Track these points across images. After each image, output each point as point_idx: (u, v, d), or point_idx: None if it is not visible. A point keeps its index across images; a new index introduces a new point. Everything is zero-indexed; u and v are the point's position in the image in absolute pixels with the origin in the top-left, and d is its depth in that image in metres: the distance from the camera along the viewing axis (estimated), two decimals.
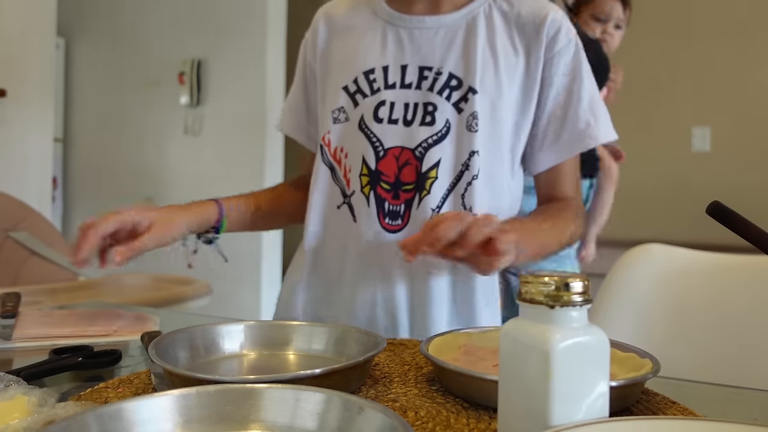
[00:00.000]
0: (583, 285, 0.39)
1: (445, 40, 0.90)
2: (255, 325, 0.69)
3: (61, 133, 3.87)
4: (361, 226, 0.89)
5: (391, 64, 0.90)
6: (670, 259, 0.97)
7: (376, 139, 0.88)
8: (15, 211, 1.84)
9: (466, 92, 0.87)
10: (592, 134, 0.89)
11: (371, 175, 0.88)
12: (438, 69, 0.89)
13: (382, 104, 0.89)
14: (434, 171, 0.87)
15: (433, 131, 0.87)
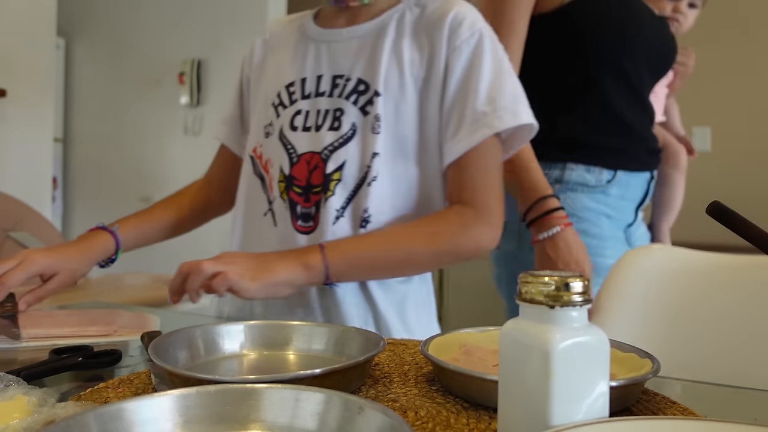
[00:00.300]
0: (583, 285, 0.39)
1: (357, 49, 0.95)
2: (255, 325, 0.69)
3: (61, 133, 3.87)
4: (280, 231, 0.94)
5: (308, 76, 0.97)
6: (670, 259, 0.97)
7: (291, 146, 0.94)
8: (15, 211, 1.84)
9: (371, 96, 0.91)
10: (488, 122, 0.87)
11: (286, 181, 0.93)
12: (348, 76, 0.93)
13: (298, 113, 0.95)
14: (338, 173, 0.90)
15: (338, 135, 0.91)
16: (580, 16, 1.15)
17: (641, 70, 1.20)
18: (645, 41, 1.18)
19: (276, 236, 0.94)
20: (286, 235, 0.92)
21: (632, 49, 1.17)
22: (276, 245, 0.92)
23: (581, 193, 1.18)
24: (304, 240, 0.91)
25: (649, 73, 1.23)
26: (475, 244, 0.88)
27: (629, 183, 1.20)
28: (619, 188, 1.19)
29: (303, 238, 0.92)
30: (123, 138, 3.74)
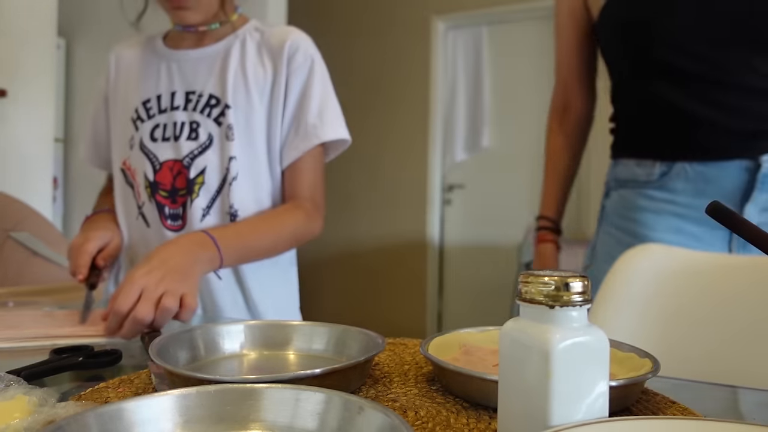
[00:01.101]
0: (583, 285, 0.39)
1: (207, 68, 1.08)
2: (255, 325, 0.69)
3: (61, 133, 3.87)
4: (153, 231, 1.07)
5: (163, 93, 1.08)
6: (670, 259, 0.97)
7: (153, 155, 1.06)
8: (15, 211, 1.84)
9: (223, 108, 1.05)
10: (317, 134, 1.07)
11: (151, 186, 1.06)
12: (200, 92, 1.06)
13: (157, 126, 1.07)
14: (201, 177, 1.04)
15: (197, 144, 1.05)
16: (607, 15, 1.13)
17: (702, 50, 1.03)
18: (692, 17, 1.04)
19: (150, 235, 1.07)
20: (159, 234, 1.06)
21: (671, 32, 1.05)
22: (153, 243, 1.04)
23: (631, 189, 1.11)
24: (172, 237, 1.03)
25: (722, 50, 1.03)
26: (313, 231, 1.08)
27: (707, 175, 1.04)
28: (688, 182, 1.05)
29: (173, 235, 1.05)
30: None
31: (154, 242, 1.04)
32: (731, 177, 1.03)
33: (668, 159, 1.06)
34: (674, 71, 1.06)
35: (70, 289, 1.54)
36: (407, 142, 4.40)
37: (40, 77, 2.82)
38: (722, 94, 1.04)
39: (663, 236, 1.05)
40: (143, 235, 1.09)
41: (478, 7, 4.16)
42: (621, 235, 1.10)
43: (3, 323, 0.85)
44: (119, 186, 1.12)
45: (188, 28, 1.10)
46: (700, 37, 1.04)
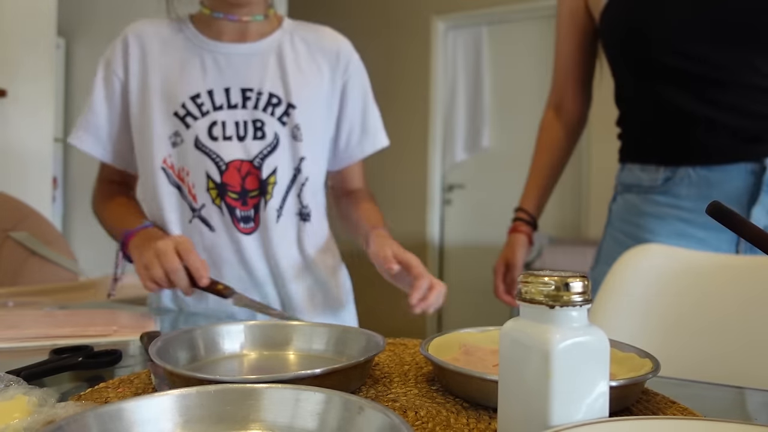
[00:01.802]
0: (583, 285, 0.39)
1: (260, 64, 1.04)
2: (255, 326, 0.69)
3: (61, 133, 3.86)
4: (221, 234, 1.02)
5: (215, 88, 1.02)
6: (670, 259, 0.97)
7: (215, 155, 1.00)
8: (15, 211, 1.84)
9: (286, 108, 1.03)
10: (380, 138, 1.15)
11: (218, 188, 1.01)
12: (259, 90, 1.03)
13: (215, 124, 1.01)
14: (273, 177, 1.02)
15: (265, 143, 1.02)
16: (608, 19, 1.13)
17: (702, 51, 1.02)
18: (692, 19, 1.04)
19: (217, 240, 1.02)
20: (231, 238, 1.02)
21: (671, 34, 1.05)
22: (220, 248, 1.02)
23: (635, 194, 1.11)
24: (248, 240, 1.02)
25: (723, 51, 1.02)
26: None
27: (711, 179, 1.03)
28: (692, 187, 1.05)
29: (247, 238, 1.02)
30: None
31: (224, 247, 1.02)
32: (736, 180, 1.03)
33: (672, 164, 1.06)
34: (675, 73, 1.06)
35: (70, 289, 1.54)
36: (407, 142, 4.40)
37: (40, 77, 2.82)
38: (723, 95, 1.03)
39: (667, 241, 1.04)
40: (204, 240, 1.02)
41: (478, 7, 4.16)
42: (625, 239, 1.10)
43: (3, 323, 0.85)
44: (158, 187, 1.02)
45: (231, 17, 1.04)
46: (700, 39, 1.03)
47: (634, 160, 1.13)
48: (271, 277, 1.05)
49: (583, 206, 3.67)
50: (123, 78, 1.05)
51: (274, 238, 1.02)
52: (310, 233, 1.07)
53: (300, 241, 1.06)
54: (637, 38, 1.08)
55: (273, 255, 1.03)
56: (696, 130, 1.05)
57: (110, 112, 1.07)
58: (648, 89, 1.10)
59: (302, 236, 1.06)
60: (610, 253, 1.07)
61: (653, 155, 1.09)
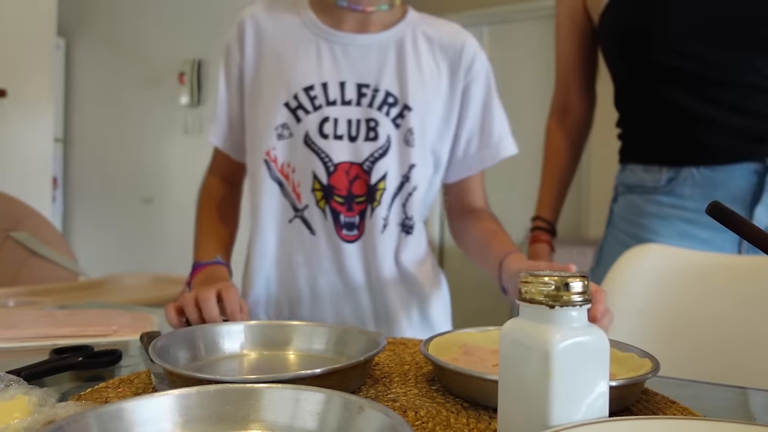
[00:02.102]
0: (582, 285, 0.39)
1: (379, 59, 0.96)
2: (255, 326, 0.69)
3: (61, 133, 3.87)
4: (321, 239, 0.95)
5: (329, 81, 0.94)
6: (670, 259, 0.97)
7: (325, 154, 0.93)
8: (15, 211, 1.84)
9: (402, 109, 0.94)
10: (504, 146, 1.01)
11: (324, 190, 0.93)
12: (375, 86, 0.94)
13: (326, 120, 0.93)
14: (382, 183, 0.94)
15: (377, 146, 0.93)
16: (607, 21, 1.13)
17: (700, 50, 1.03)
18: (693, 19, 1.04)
19: (317, 244, 0.95)
20: (331, 244, 0.95)
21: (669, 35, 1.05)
22: (319, 253, 0.95)
23: (638, 195, 1.11)
24: (350, 249, 0.95)
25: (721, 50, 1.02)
26: None
27: (715, 179, 1.04)
28: (696, 187, 1.05)
29: (349, 246, 0.95)
30: (123, 138, 3.74)
31: (323, 253, 0.95)
32: (739, 180, 1.03)
33: (675, 164, 1.06)
34: (674, 72, 1.06)
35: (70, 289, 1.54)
36: None
37: (40, 77, 2.82)
38: (723, 94, 1.03)
39: (671, 242, 1.04)
40: (301, 244, 0.96)
41: (479, 7, 4.16)
42: (628, 240, 1.10)
43: (3, 323, 0.85)
44: (259, 180, 0.96)
45: (355, 6, 0.95)
46: (699, 38, 1.03)
47: (636, 161, 1.13)
48: (368, 288, 0.98)
49: (583, 206, 3.67)
50: (240, 62, 0.99)
51: (377, 248, 0.95)
52: (412, 246, 0.99)
53: (399, 254, 0.98)
54: (636, 38, 1.08)
55: (374, 266, 0.96)
56: (696, 129, 1.05)
57: (229, 101, 1.02)
58: (647, 89, 1.10)
59: (402, 249, 0.98)
60: (612, 254, 1.07)
61: (656, 156, 1.10)
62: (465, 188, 1.04)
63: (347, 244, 0.94)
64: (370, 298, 0.98)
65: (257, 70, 0.97)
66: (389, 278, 0.97)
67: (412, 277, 0.99)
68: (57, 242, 1.83)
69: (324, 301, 0.97)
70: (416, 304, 1.01)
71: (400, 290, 0.99)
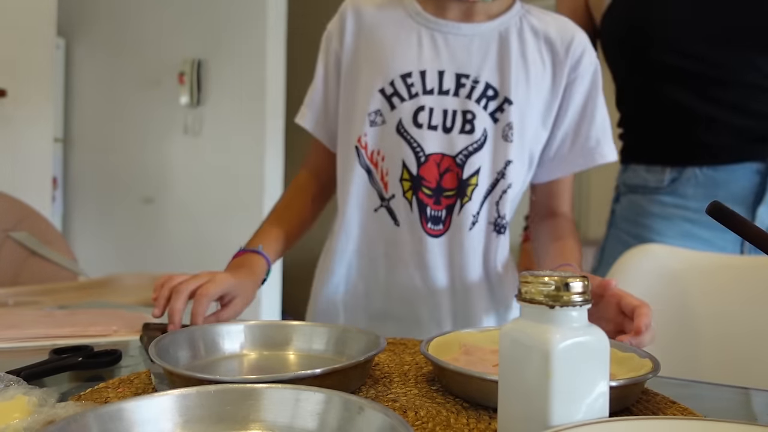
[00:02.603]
0: (583, 285, 0.39)
1: (481, 49, 0.92)
2: (255, 326, 0.69)
3: (61, 133, 3.87)
4: (405, 231, 0.92)
5: (428, 69, 0.91)
6: (670, 259, 0.97)
7: (416, 144, 0.90)
8: (15, 211, 1.84)
9: (502, 102, 0.90)
10: (601, 152, 0.95)
11: (413, 180, 0.90)
12: (475, 78, 0.90)
13: (422, 109, 0.90)
14: (475, 178, 0.90)
15: (472, 139, 0.90)
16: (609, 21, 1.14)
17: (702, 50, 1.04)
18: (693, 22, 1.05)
19: (400, 236, 0.92)
20: (415, 237, 0.91)
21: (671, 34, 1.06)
22: (401, 245, 0.92)
23: (641, 195, 1.12)
24: (434, 243, 0.91)
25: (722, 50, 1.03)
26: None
27: (717, 179, 1.05)
28: (698, 187, 1.06)
29: (433, 241, 0.91)
30: (123, 138, 3.74)
31: (407, 245, 0.92)
32: (742, 180, 1.04)
33: (678, 164, 1.07)
34: (675, 72, 1.06)
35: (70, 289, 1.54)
36: None
37: (40, 77, 2.82)
38: (724, 93, 1.04)
39: (674, 242, 1.05)
40: (384, 234, 0.93)
41: None
42: (630, 240, 1.11)
43: (3, 323, 0.85)
44: (351, 167, 0.94)
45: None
46: (700, 38, 1.04)
47: (638, 161, 1.13)
48: (450, 289, 0.93)
49: (583, 206, 3.67)
50: (338, 50, 0.97)
51: (464, 245, 0.91)
52: (502, 247, 0.95)
53: (488, 254, 0.94)
54: (637, 37, 1.09)
55: (458, 264, 0.92)
56: (698, 128, 1.05)
57: (326, 88, 1.00)
58: (649, 89, 1.10)
59: (492, 249, 0.94)
60: (614, 254, 1.07)
61: (658, 156, 1.10)
62: (552, 190, 1.00)
63: (431, 238, 0.91)
64: (451, 300, 0.94)
65: (355, 57, 0.96)
66: (475, 280, 0.93)
67: (499, 280, 0.95)
68: (57, 242, 1.83)
69: (401, 298, 0.94)
70: (499, 312, 0.96)
71: (485, 295, 0.95)
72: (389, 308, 0.95)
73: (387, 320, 0.95)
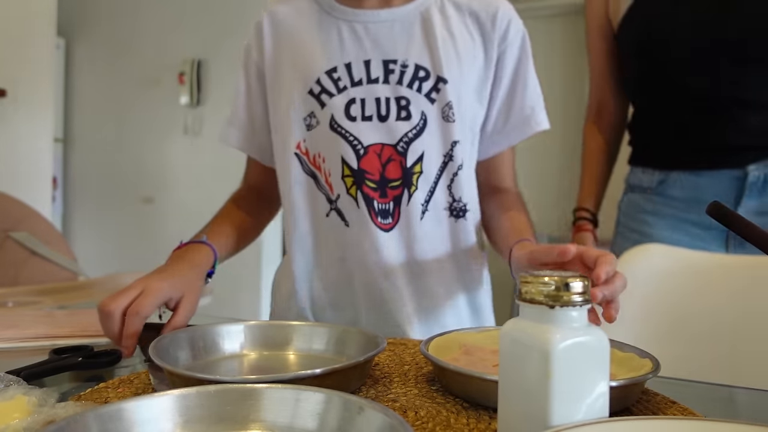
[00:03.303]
0: (583, 285, 0.39)
1: (404, 32, 0.89)
2: (255, 326, 0.69)
3: (61, 133, 3.87)
4: (355, 231, 0.88)
5: (353, 61, 0.88)
6: (669, 259, 0.97)
7: (353, 137, 0.87)
8: (15, 211, 1.84)
9: (436, 82, 0.87)
10: (536, 119, 0.93)
11: (355, 175, 0.87)
12: (403, 62, 0.88)
13: (353, 102, 0.87)
14: (419, 165, 0.87)
15: (410, 125, 0.87)
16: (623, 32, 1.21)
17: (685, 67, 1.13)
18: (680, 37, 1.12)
19: (352, 237, 0.88)
20: (367, 235, 0.87)
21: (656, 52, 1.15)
22: (355, 246, 0.88)
23: (638, 194, 1.22)
24: (386, 238, 0.88)
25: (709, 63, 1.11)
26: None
27: (700, 183, 1.14)
28: (683, 189, 1.15)
29: (386, 236, 0.88)
30: (123, 138, 3.74)
31: (361, 244, 0.88)
32: (722, 185, 1.13)
33: (665, 168, 1.18)
34: (676, 87, 1.15)
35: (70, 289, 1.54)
36: None
37: (40, 77, 2.82)
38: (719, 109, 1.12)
39: (663, 233, 1.16)
40: (337, 238, 0.90)
41: None
42: (630, 234, 1.22)
43: (3, 323, 0.85)
44: (294, 177, 0.91)
45: None
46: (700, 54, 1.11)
47: (637, 164, 1.24)
48: (411, 284, 0.90)
49: None
50: (259, 62, 0.96)
51: (417, 236, 0.88)
52: (466, 231, 0.91)
53: (449, 241, 0.91)
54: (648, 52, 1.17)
55: (417, 256, 0.89)
56: (685, 142, 1.15)
57: (249, 103, 0.98)
58: (648, 99, 1.22)
59: (453, 234, 0.90)
60: (621, 250, 1.12)
61: (650, 160, 1.22)
62: (495, 166, 0.97)
63: (384, 233, 0.88)
64: (413, 294, 0.90)
65: (278, 65, 0.94)
66: (437, 269, 0.90)
67: (467, 262, 0.92)
68: (57, 242, 1.83)
69: (369, 300, 0.90)
70: (470, 293, 0.94)
71: (454, 279, 0.92)
72: (359, 315, 0.91)
73: (359, 326, 0.90)
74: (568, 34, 3.81)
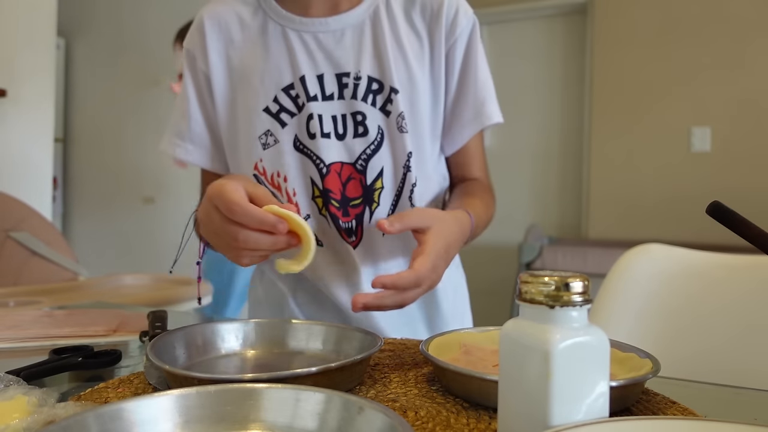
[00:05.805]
0: (583, 285, 0.39)
1: (355, 42, 0.86)
2: (253, 324, 0.69)
3: (61, 133, 3.87)
4: (329, 250, 0.86)
5: (306, 75, 0.84)
6: (670, 259, 0.97)
7: (315, 156, 0.83)
8: (15, 211, 1.84)
9: (388, 94, 0.84)
10: (486, 112, 0.90)
11: (323, 195, 0.84)
12: (356, 74, 0.84)
13: (311, 118, 0.83)
14: (379, 181, 0.85)
15: (368, 141, 0.84)
16: None
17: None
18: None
19: (328, 256, 0.86)
20: (340, 252, 0.86)
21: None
22: (332, 265, 0.86)
23: None
24: (354, 255, 0.85)
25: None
26: (493, 217, 0.93)
27: None
28: None
29: (354, 252, 0.86)
30: (123, 138, 3.75)
31: (332, 264, 0.86)
32: None
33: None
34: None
35: (70, 289, 1.54)
36: None
37: (40, 77, 2.82)
38: None
39: None
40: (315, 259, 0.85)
41: (478, 7, 4.16)
42: None
43: (3, 323, 0.85)
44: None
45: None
46: None
47: None
48: (372, 274, 0.87)
49: (583, 206, 3.67)
50: (205, 70, 0.88)
51: (382, 253, 0.86)
52: None
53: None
54: None
55: (386, 270, 0.87)
56: None
57: (206, 114, 0.91)
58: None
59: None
60: None
61: None
62: (462, 160, 0.94)
63: (353, 250, 0.86)
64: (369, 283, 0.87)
65: (226, 76, 0.88)
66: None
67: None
68: (57, 242, 1.83)
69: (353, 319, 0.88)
70: (436, 309, 0.92)
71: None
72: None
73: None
74: (568, 34, 3.81)
